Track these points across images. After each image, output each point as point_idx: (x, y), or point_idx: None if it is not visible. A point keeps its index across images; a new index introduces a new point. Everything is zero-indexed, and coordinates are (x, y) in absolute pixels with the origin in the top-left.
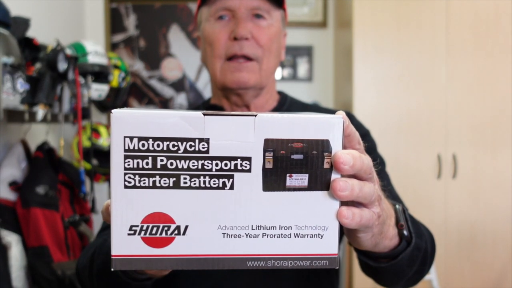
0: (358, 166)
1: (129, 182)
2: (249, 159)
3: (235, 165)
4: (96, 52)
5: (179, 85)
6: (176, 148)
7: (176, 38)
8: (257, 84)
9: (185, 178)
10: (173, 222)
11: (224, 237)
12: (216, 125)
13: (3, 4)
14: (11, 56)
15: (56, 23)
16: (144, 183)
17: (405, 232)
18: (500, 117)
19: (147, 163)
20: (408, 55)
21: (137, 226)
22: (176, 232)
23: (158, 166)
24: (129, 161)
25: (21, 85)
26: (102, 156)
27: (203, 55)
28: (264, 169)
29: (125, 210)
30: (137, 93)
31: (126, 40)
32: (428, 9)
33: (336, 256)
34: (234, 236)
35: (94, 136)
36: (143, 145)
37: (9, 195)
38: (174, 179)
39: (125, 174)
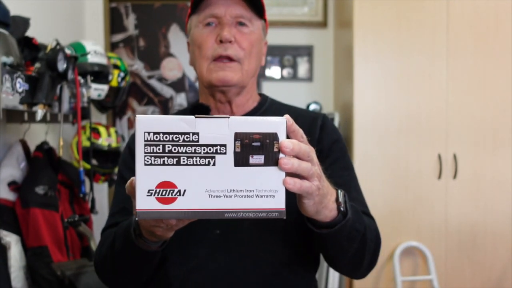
0: (296, 149)
1: (147, 161)
2: (225, 146)
3: (216, 149)
4: (95, 51)
5: (178, 84)
6: (177, 139)
7: (176, 37)
8: (239, 82)
9: (183, 158)
10: (176, 187)
11: (209, 197)
12: (203, 124)
13: (3, 3)
14: (11, 56)
15: (56, 23)
16: (157, 162)
17: (341, 208)
18: (501, 117)
19: (158, 149)
20: (409, 55)
21: (153, 190)
22: (178, 194)
23: (166, 151)
24: (147, 148)
25: (21, 85)
26: (101, 156)
27: (191, 57)
28: (235, 152)
29: (144, 180)
30: (136, 93)
31: (126, 39)
32: (429, 9)
33: (283, 210)
34: (216, 196)
35: (93, 136)
36: (156, 137)
37: (9, 195)
38: (176, 159)
39: (144, 156)
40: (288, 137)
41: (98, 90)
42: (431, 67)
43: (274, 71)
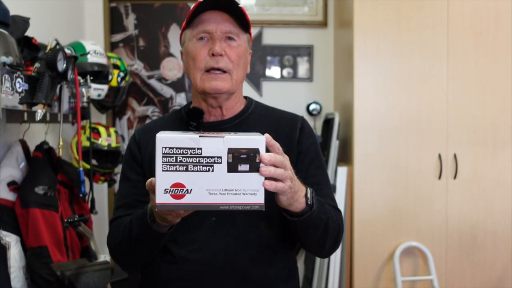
0: (273, 160)
1: (164, 168)
2: (220, 157)
3: (214, 160)
4: (95, 51)
5: (178, 84)
6: (186, 152)
7: (175, 37)
8: (229, 90)
9: (190, 166)
10: (185, 187)
11: (209, 194)
12: (205, 141)
13: (2, 3)
14: (10, 56)
15: (56, 23)
16: (171, 169)
17: (309, 202)
18: (501, 117)
19: (172, 159)
20: (409, 55)
21: (168, 189)
22: (186, 192)
23: (178, 161)
24: (164, 158)
25: (20, 84)
26: (101, 156)
27: (185, 67)
28: (228, 162)
29: (162, 181)
30: (136, 93)
31: (126, 39)
32: (429, 9)
33: (263, 203)
34: (213, 194)
35: (93, 136)
36: (171, 150)
37: (8, 196)
38: (185, 167)
39: (162, 164)
40: (267, 150)
41: (97, 90)
42: (431, 67)
43: (274, 71)
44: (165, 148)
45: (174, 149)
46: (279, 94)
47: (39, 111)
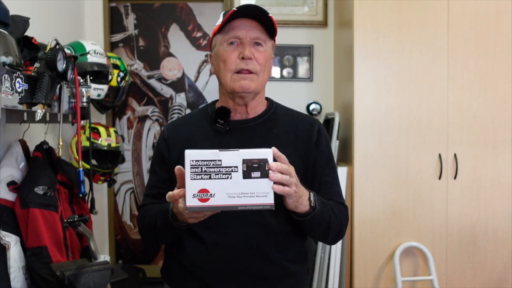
0: (279, 168)
1: (192, 177)
2: (236, 167)
3: (231, 169)
4: (95, 51)
5: (178, 84)
6: (209, 163)
7: (175, 37)
8: (255, 89)
9: (213, 175)
10: (209, 192)
11: (228, 197)
12: (224, 154)
13: (2, 3)
14: (10, 56)
15: (56, 23)
16: (197, 177)
17: (312, 205)
18: (501, 117)
19: (198, 170)
20: (409, 55)
21: (196, 194)
22: (210, 196)
23: (202, 171)
24: (192, 169)
25: (20, 84)
26: (101, 156)
27: (216, 68)
28: (243, 171)
29: (190, 188)
30: (136, 93)
31: (126, 39)
32: (429, 9)
33: (273, 203)
34: (232, 197)
35: (93, 136)
36: (197, 163)
37: (8, 196)
38: (209, 175)
39: (190, 174)
40: (274, 160)
41: (97, 90)
42: (432, 67)
43: (274, 71)
44: (192, 161)
45: (200, 162)
46: (279, 94)
47: (39, 111)
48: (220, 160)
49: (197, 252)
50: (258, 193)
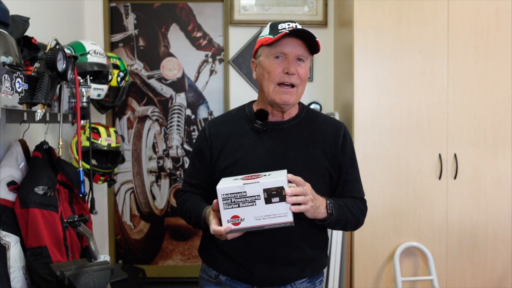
0: (294, 192)
1: (225, 207)
2: (259, 195)
3: (255, 197)
4: (95, 51)
5: (178, 84)
6: (237, 195)
7: (175, 37)
8: (294, 102)
9: (241, 204)
10: (239, 217)
11: (255, 220)
12: (248, 186)
13: (2, 3)
14: (10, 56)
15: (56, 23)
16: (229, 207)
17: (329, 211)
18: (501, 117)
19: (228, 201)
20: (409, 54)
21: (229, 219)
22: (241, 220)
23: (232, 201)
24: (224, 201)
25: (20, 84)
26: (101, 156)
27: (259, 76)
28: (264, 198)
29: (225, 216)
30: (136, 93)
31: (125, 39)
32: (429, 8)
33: (292, 221)
34: (258, 219)
35: (93, 136)
36: (227, 196)
37: (8, 196)
38: (237, 204)
39: (223, 205)
40: (289, 182)
41: (97, 90)
42: (432, 67)
43: None
44: (223, 195)
45: (229, 194)
46: None
47: (39, 111)
48: (245, 192)
49: (236, 239)
50: (279, 214)
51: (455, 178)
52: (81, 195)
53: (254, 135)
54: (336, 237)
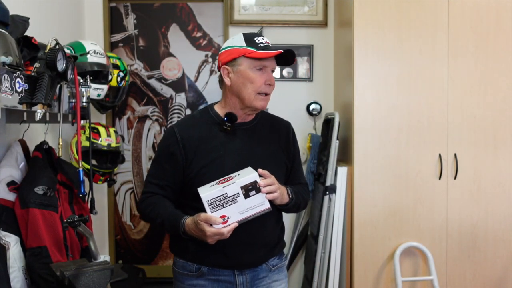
0: (267, 182)
1: (211, 211)
2: (238, 193)
3: (236, 195)
4: (95, 51)
5: (178, 84)
6: (220, 198)
7: (175, 37)
8: (265, 108)
9: (224, 204)
10: (226, 216)
11: (239, 214)
12: (227, 187)
13: (2, 3)
14: (10, 56)
15: (56, 22)
16: (215, 209)
17: (290, 196)
18: (501, 117)
19: (214, 204)
20: (409, 55)
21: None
22: (228, 218)
23: (216, 204)
24: (209, 206)
25: (20, 84)
26: (101, 156)
27: (238, 84)
28: (243, 193)
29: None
30: (136, 93)
31: (125, 39)
32: (429, 8)
33: (270, 207)
34: (242, 213)
35: (93, 136)
36: (211, 200)
37: (8, 196)
38: (222, 206)
39: (210, 209)
40: (260, 176)
41: (97, 90)
42: (432, 67)
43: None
44: (208, 201)
45: (213, 199)
46: (279, 94)
47: (39, 111)
48: (226, 193)
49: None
50: (258, 204)
51: (455, 178)
52: (81, 195)
53: (224, 136)
54: (336, 237)
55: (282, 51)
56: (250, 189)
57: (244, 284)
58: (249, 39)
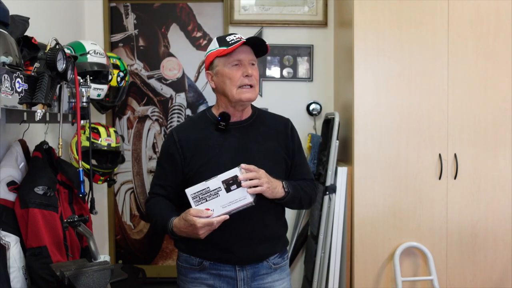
0: (246, 177)
1: (196, 205)
2: (220, 187)
3: (217, 189)
4: (95, 51)
5: (178, 84)
6: (202, 191)
7: (175, 37)
8: (255, 99)
9: (207, 198)
10: (210, 210)
11: (222, 208)
12: (209, 183)
13: (2, 3)
14: (10, 56)
15: (55, 22)
16: (199, 203)
17: (286, 190)
18: (501, 117)
19: (197, 198)
20: (409, 54)
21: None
22: (211, 211)
23: (199, 198)
24: (193, 199)
25: (20, 84)
26: (101, 156)
27: (220, 84)
28: (224, 188)
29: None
30: (136, 93)
31: (125, 39)
32: (429, 8)
33: (252, 202)
34: (225, 207)
35: (93, 136)
36: (194, 193)
37: (8, 196)
38: (205, 199)
39: (194, 202)
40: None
41: (97, 90)
42: (432, 67)
43: (274, 71)
44: (192, 194)
45: (196, 193)
46: (279, 94)
47: (39, 111)
48: (208, 187)
49: (218, 226)
50: (239, 198)
51: (455, 178)
52: (81, 195)
53: (219, 136)
54: (336, 237)
55: (245, 40)
56: (231, 183)
57: (244, 280)
58: (221, 40)
